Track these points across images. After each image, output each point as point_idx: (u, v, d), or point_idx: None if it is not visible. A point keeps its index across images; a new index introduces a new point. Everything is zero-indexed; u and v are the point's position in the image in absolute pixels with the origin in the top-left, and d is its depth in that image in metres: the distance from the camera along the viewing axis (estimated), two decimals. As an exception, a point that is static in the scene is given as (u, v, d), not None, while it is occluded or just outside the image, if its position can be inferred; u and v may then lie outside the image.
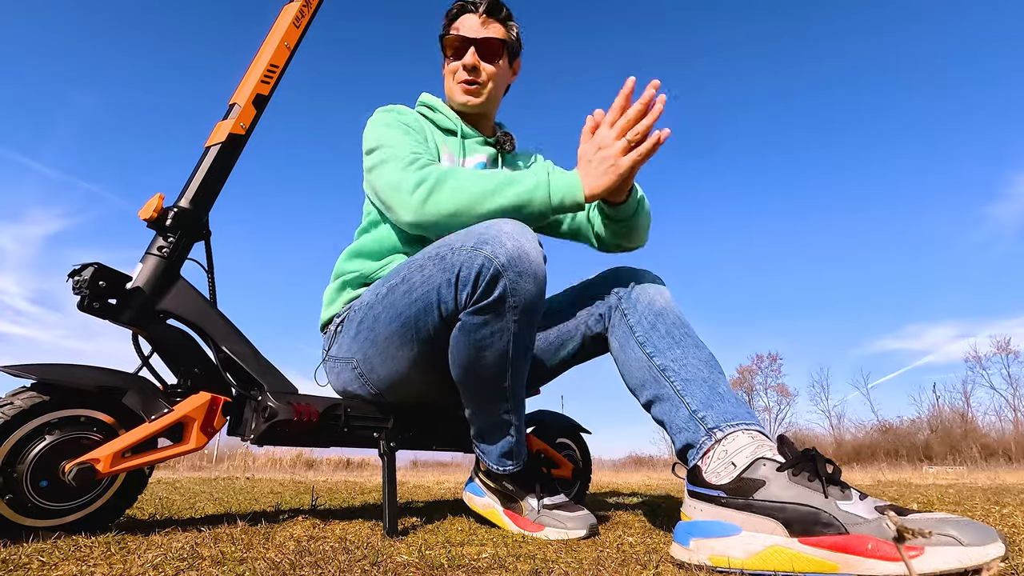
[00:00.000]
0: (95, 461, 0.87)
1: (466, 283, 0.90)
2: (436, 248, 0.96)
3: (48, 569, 0.68)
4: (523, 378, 1.03)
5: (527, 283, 0.90)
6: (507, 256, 0.88)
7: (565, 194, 1.00)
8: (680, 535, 0.82)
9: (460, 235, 0.94)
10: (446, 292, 0.93)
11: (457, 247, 0.92)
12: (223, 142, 1.15)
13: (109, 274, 0.98)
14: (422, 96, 1.39)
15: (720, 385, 0.93)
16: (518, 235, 0.90)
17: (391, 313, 1.02)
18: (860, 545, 0.67)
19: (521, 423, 1.08)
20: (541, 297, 0.94)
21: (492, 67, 1.30)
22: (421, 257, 0.99)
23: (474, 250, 0.89)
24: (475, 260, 0.89)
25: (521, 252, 0.88)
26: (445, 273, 0.92)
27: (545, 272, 0.93)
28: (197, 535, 0.92)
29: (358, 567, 0.73)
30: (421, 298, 0.96)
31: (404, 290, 0.99)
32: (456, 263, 0.91)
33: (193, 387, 1.05)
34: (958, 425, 21.79)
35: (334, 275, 1.27)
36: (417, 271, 0.98)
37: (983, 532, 0.64)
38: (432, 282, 0.94)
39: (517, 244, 0.89)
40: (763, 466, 0.78)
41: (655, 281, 1.11)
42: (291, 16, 1.29)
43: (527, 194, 1.01)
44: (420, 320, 0.98)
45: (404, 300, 0.99)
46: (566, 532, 1.03)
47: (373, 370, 1.10)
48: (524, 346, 0.97)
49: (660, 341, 0.99)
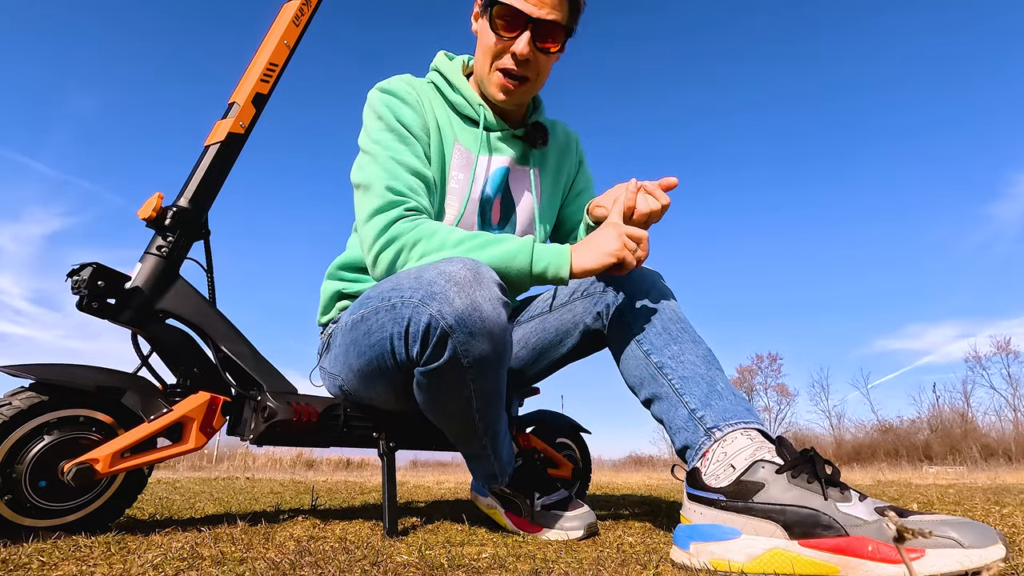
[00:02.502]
0: (94, 461, 0.87)
1: (415, 339, 0.85)
2: (390, 291, 0.89)
3: (48, 569, 0.68)
4: (496, 415, 1.00)
5: (480, 343, 0.83)
6: (455, 316, 0.80)
7: (550, 264, 0.92)
8: (680, 538, 0.81)
9: (411, 280, 0.85)
10: (398, 344, 0.88)
11: (407, 297, 0.85)
12: (222, 141, 1.15)
13: (108, 274, 0.98)
14: (438, 60, 1.16)
15: (718, 382, 0.91)
16: (469, 286, 0.81)
17: (357, 349, 0.99)
18: (860, 547, 0.67)
19: (500, 449, 1.07)
20: (500, 352, 0.87)
21: (546, 58, 1.07)
22: (376, 298, 0.92)
23: (421, 304, 0.82)
24: (421, 316, 0.82)
25: (472, 309, 0.81)
26: (396, 325, 0.87)
27: (503, 324, 0.85)
28: (197, 535, 0.92)
29: (358, 567, 0.73)
30: (377, 344, 0.92)
31: (364, 330, 0.95)
32: (405, 316, 0.85)
33: (192, 387, 1.05)
34: (958, 425, 21.79)
35: (328, 275, 1.24)
36: (373, 314, 0.92)
37: (984, 534, 0.63)
38: (384, 331, 0.89)
39: (467, 300, 0.80)
40: (762, 468, 0.78)
41: (652, 275, 1.07)
42: (291, 15, 1.29)
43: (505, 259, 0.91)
44: (381, 362, 0.94)
45: (364, 341, 0.95)
46: (565, 532, 1.03)
47: (357, 392, 1.08)
48: (489, 395, 0.94)
49: (657, 338, 0.97)
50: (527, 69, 1.06)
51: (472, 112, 1.12)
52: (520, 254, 0.92)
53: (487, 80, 1.09)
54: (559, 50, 1.07)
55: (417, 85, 1.12)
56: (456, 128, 1.12)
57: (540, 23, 1.01)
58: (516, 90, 1.08)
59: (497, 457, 1.08)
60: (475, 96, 1.13)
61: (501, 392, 0.97)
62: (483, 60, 1.09)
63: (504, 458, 1.09)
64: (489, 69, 1.08)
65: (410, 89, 1.09)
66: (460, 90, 1.13)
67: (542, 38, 1.03)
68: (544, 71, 1.09)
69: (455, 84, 1.13)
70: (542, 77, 1.10)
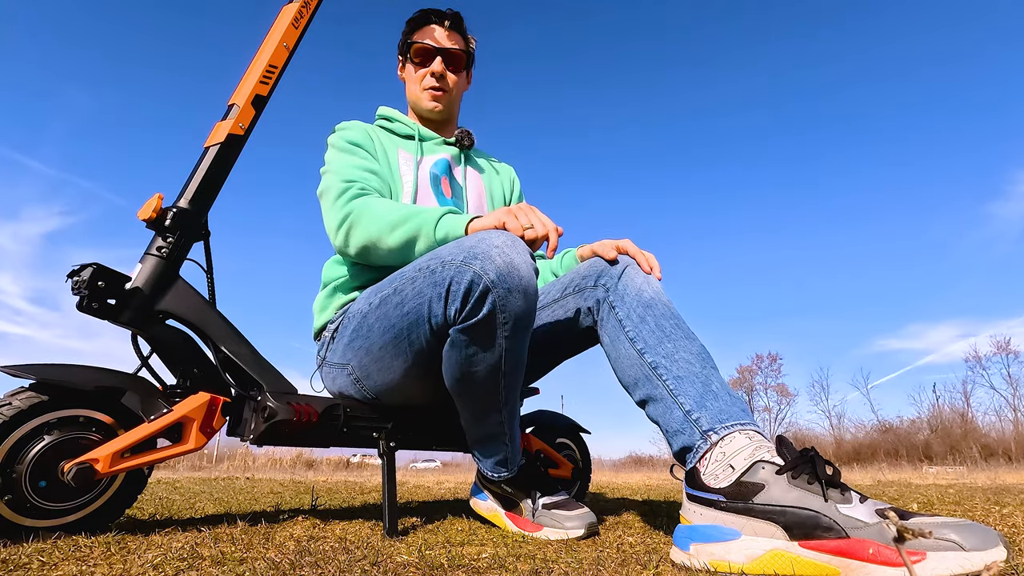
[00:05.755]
0: (94, 461, 0.87)
1: (455, 298, 0.89)
2: (428, 260, 0.96)
3: (48, 569, 0.68)
4: (517, 389, 1.03)
5: (517, 299, 0.89)
6: (496, 271, 0.86)
7: (450, 229, 1.00)
8: (680, 539, 0.81)
9: (452, 247, 0.93)
10: (436, 306, 0.92)
11: (448, 260, 0.91)
12: (222, 142, 1.15)
13: (108, 274, 0.98)
14: (380, 110, 1.45)
15: (713, 381, 0.90)
16: (508, 249, 0.88)
17: (384, 324, 1.02)
18: (861, 550, 0.67)
19: (515, 432, 1.08)
20: (532, 311, 0.93)
21: (456, 76, 1.40)
22: (412, 269, 0.98)
23: (464, 264, 0.88)
24: (464, 275, 0.88)
25: (511, 267, 0.87)
26: (435, 287, 0.91)
27: (536, 287, 0.92)
28: (197, 535, 0.92)
29: (358, 567, 0.73)
30: (412, 311, 0.96)
31: (396, 302, 0.99)
32: (446, 277, 0.90)
33: (192, 387, 1.05)
34: (958, 425, 21.78)
35: (323, 282, 1.27)
36: (408, 283, 0.97)
37: (985, 536, 0.63)
38: (423, 296, 0.94)
39: (507, 259, 0.87)
40: (762, 469, 0.77)
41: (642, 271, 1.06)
42: (290, 17, 1.29)
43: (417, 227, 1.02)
44: (412, 332, 0.98)
45: (396, 312, 0.99)
46: (565, 532, 1.03)
47: (369, 377, 1.09)
48: (516, 359, 0.97)
49: (650, 335, 0.96)
50: (444, 83, 1.38)
51: (409, 131, 1.39)
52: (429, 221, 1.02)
53: (419, 100, 1.40)
54: (463, 69, 1.42)
55: (363, 123, 1.37)
56: (397, 142, 1.37)
57: (445, 51, 1.37)
58: (439, 98, 1.39)
59: (511, 439, 1.08)
60: (410, 121, 1.41)
61: (525, 360, 1.00)
62: (412, 87, 1.41)
63: (516, 443, 1.10)
64: (419, 91, 1.39)
65: (357, 123, 1.35)
66: (398, 119, 1.41)
67: (450, 61, 1.38)
68: (458, 86, 1.42)
69: (394, 118, 1.41)
70: (458, 90, 1.43)
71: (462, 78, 1.43)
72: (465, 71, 1.44)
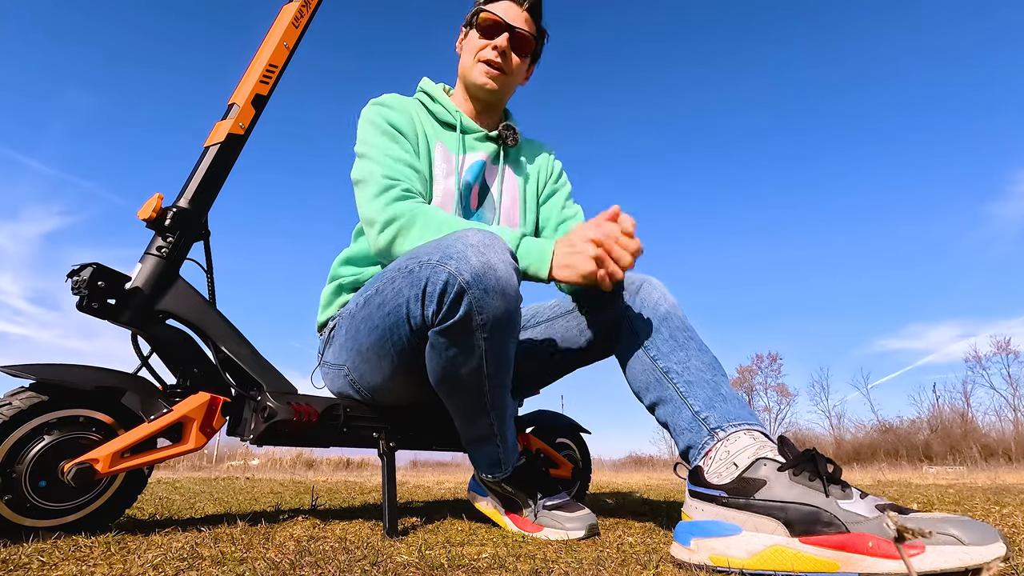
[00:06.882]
0: (94, 461, 0.87)
1: (432, 299, 0.87)
2: (407, 260, 0.94)
3: (48, 569, 0.68)
4: (504, 390, 1.01)
5: (494, 300, 0.86)
6: (472, 272, 0.84)
7: (531, 263, 0.96)
8: (681, 535, 0.81)
9: (430, 247, 0.91)
10: (414, 307, 0.91)
11: (424, 261, 0.89)
12: (222, 142, 1.15)
13: (108, 274, 0.98)
14: (423, 82, 1.33)
15: (723, 387, 0.93)
16: (485, 248, 0.86)
17: (368, 325, 1.01)
18: (861, 543, 0.67)
19: (506, 432, 1.07)
20: (511, 312, 0.90)
21: (519, 60, 1.27)
22: (393, 269, 0.97)
23: (439, 265, 0.86)
24: (439, 276, 0.86)
25: (487, 267, 0.85)
26: (413, 288, 0.90)
27: (515, 286, 0.88)
28: (197, 535, 0.92)
29: (358, 567, 0.73)
30: (392, 312, 0.95)
31: (378, 303, 0.99)
32: (422, 278, 0.88)
33: (192, 387, 1.05)
34: (958, 425, 21.78)
35: (330, 277, 1.27)
36: (388, 283, 0.96)
37: (984, 532, 0.64)
38: (401, 296, 0.93)
39: (483, 259, 0.85)
40: (764, 466, 0.78)
41: (659, 285, 1.10)
42: (290, 16, 1.29)
43: None
44: (394, 334, 0.97)
45: (378, 313, 0.98)
46: (565, 532, 1.03)
47: (363, 378, 1.09)
48: (500, 360, 0.95)
49: (664, 345, 0.99)
50: (505, 62, 1.25)
51: (451, 119, 1.28)
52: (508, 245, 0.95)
53: (472, 72, 1.26)
54: (528, 57, 1.29)
55: (404, 99, 1.27)
56: (438, 132, 1.26)
57: (515, 30, 1.24)
58: (495, 77, 1.25)
59: (503, 440, 1.07)
60: (452, 106, 1.29)
61: (510, 361, 0.98)
62: (468, 57, 1.28)
63: (509, 444, 1.09)
64: (473, 63, 1.26)
65: (398, 100, 1.25)
66: (440, 102, 1.29)
67: (517, 42, 1.25)
68: (518, 72, 1.29)
69: (436, 98, 1.30)
70: (515, 76, 1.29)
71: (524, 64, 1.30)
72: (528, 60, 1.31)
